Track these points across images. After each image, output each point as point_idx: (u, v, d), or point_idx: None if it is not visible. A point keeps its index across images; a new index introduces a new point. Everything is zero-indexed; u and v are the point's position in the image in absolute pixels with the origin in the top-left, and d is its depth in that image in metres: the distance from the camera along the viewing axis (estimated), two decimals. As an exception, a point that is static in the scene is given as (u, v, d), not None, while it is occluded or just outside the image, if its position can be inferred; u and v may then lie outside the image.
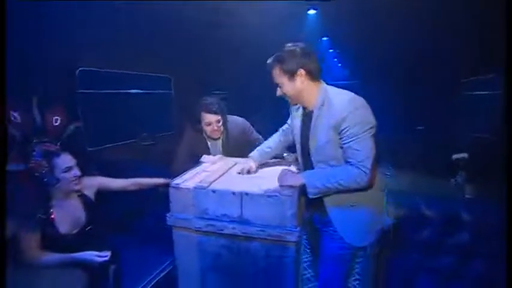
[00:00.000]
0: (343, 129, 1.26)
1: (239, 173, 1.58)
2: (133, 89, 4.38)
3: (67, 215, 1.61)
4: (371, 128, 1.27)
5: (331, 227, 1.39)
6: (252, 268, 1.38)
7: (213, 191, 1.34)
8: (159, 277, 1.94)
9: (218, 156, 1.94)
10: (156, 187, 2.00)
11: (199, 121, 2.03)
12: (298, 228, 1.29)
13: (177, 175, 1.54)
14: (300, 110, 1.46)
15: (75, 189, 1.61)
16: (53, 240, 1.55)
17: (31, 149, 1.50)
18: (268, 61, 1.37)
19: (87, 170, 1.81)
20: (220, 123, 2.01)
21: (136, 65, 4.22)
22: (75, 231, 1.65)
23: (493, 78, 4.58)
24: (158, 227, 2.15)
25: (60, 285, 1.41)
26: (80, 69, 3.39)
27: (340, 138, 1.28)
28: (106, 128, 3.87)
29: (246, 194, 1.30)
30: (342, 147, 1.29)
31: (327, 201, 1.36)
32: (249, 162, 1.63)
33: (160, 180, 1.96)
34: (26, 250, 1.49)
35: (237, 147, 2.02)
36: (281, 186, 1.31)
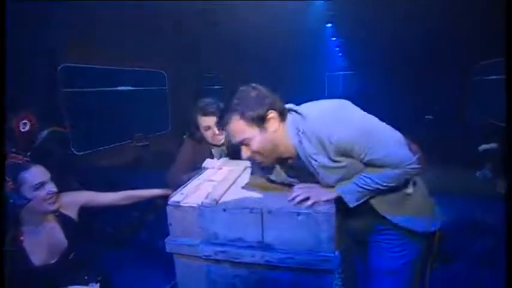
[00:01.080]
0: (343, 153, 1.00)
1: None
2: (124, 85, 4.03)
3: (42, 242, 1.31)
4: (366, 122, 1.03)
5: (384, 234, 1.17)
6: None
7: (224, 210, 1.04)
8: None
9: (223, 159, 1.64)
10: (153, 199, 1.70)
11: (197, 127, 1.74)
12: (337, 254, 0.99)
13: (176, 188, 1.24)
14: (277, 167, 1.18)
15: (51, 210, 1.31)
16: (25, 275, 1.25)
17: None
18: (223, 116, 1.08)
19: (67, 184, 1.50)
20: None
21: (127, 60, 3.87)
22: (53, 261, 1.34)
23: (501, 62, 4.34)
24: (157, 245, 1.87)
25: None
26: (63, 65, 3.05)
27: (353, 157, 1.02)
28: (95, 130, 3.55)
29: (269, 212, 1.00)
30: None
31: (377, 203, 1.10)
32: None
33: (158, 191, 1.66)
34: None
35: None
36: (313, 203, 1.01)
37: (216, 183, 1.26)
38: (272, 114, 1.03)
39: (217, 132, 1.69)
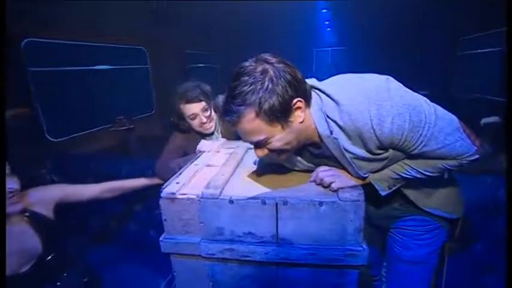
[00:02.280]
0: (389, 146, 0.81)
1: None
2: (101, 64, 3.67)
3: (9, 249, 1.10)
4: (418, 106, 0.77)
5: (409, 220, 1.03)
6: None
7: (231, 201, 0.86)
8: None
9: (220, 141, 1.45)
10: (140, 190, 1.51)
11: (181, 117, 1.51)
12: (365, 247, 0.85)
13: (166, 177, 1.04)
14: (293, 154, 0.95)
15: (14, 211, 1.09)
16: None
17: None
18: (227, 110, 0.79)
19: (38, 176, 1.28)
20: (209, 111, 1.49)
21: (103, 34, 3.50)
22: (27, 267, 1.14)
23: (494, 34, 4.25)
24: (147, 239, 1.70)
25: None
26: (27, 40, 2.68)
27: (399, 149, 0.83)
28: (72, 114, 3.23)
29: (284, 202, 0.83)
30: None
31: (408, 189, 0.95)
32: None
33: (145, 181, 1.46)
34: None
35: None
36: (337, 189, 0.85)
37: (216, 168, 1.07)
38: (300, 103, 0.79)
39: (204, 120, 1.48)
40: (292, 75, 0.76)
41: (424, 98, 0.82)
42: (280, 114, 0.76)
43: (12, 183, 1.06)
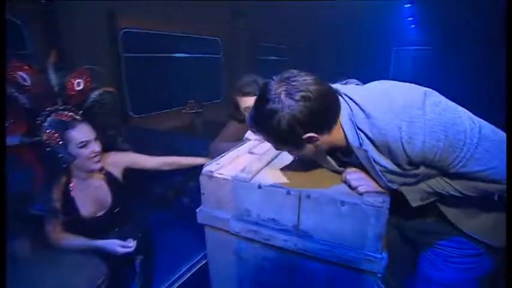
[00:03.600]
0: (421, 163, 0.77)
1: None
2: (179, 52, 4.08)
3: (88, 196, 1.38)
4: (457, 124, 0.72)
5: (449, 240, 0.97)
6: (306, 292, 1.00)
7: (259, 186, 0.94)
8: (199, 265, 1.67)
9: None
10: (194, 168, 1.69)
11: (238, 108, 1.66)
12: (384, 255, 0.84)
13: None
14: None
15: (95, 168, 1.36)
16: (74, 224, 1.35)
17: (43, 118, 1.24)
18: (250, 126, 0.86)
19: (115, 144, 1.55)
20: None
21: (183, 25, 3.88)
22: (99, 214, 1.42)
23: None
24: (195, 213, 1.90)
25: (77, 273, 1.19)
26: (124, 30, 3.16)
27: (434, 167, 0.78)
28: (152, 95, 3.71)
29: (307, 196, 0.87)
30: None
31: (444, 207, 0.90)
32: None
33: (200, 160, 1.64)
34: (47, 232, 1.31)
35: None
36: (363, 193, 0.85)
37: (256, 157, 1.16)
38: (314, 139, 0.80)
39: None
40: (306, 110, 0.74)
41: (471, 114, 0.76)
42: (288, 143, 0.83)
43: (96, 147, 1.32)
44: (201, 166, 1.76)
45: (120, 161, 1.52)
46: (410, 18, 5.74)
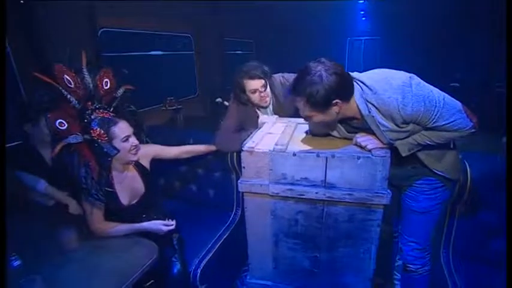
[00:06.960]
0: (410, 121, 1.13)
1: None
2: (155, 50, 4.13)
3: (126, 186, 1.55)
4: (431, 96, 1.10)
5: (421, 180, 1.35)
6: (331, 232, 1.32)
7: (294, 154, 1.22)
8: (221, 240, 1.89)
9: (275, 117, 1.81)
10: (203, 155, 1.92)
11: (243, 91, 1.83)
12: (389, 191, 1.18)
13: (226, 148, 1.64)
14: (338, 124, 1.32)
15: (133, 160, 1.52)
16: (115, 212, 1.51)
17: (88, 118, 1.38)
18: (288, 90, 1.18)
19: (139, 137, 1.71)
20: (267, 88, 1.82)
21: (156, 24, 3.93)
22: (134, 202, 1.59)
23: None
24: (204, 199, 2.11)
25: (130, 255, 1.37)
26: (103, 29, 3.17)
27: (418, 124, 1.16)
28: (133, 93, 3.73)
29: (333, 156, 1.18)
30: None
31: (423, 155, 1.28)
32: None
33: (212, 147, 1.87)
34: (92, 223, 1.45)
35: (292, 111, 1.85)
36: (371, 150, 1.19)
37: (277, 135, 1.44)
38: (339, 104, 1.12)
39: (263, 94, 1.81)
40: (337, 82, 1.08)
41: (437, 89, 1.15)
42: (320, 107, 1.13)
43: (134, 140, 1.48)
44: (206, 154, 2.02)
45: (147, 152, 1.69)
46: (362, 12, 6.38)
